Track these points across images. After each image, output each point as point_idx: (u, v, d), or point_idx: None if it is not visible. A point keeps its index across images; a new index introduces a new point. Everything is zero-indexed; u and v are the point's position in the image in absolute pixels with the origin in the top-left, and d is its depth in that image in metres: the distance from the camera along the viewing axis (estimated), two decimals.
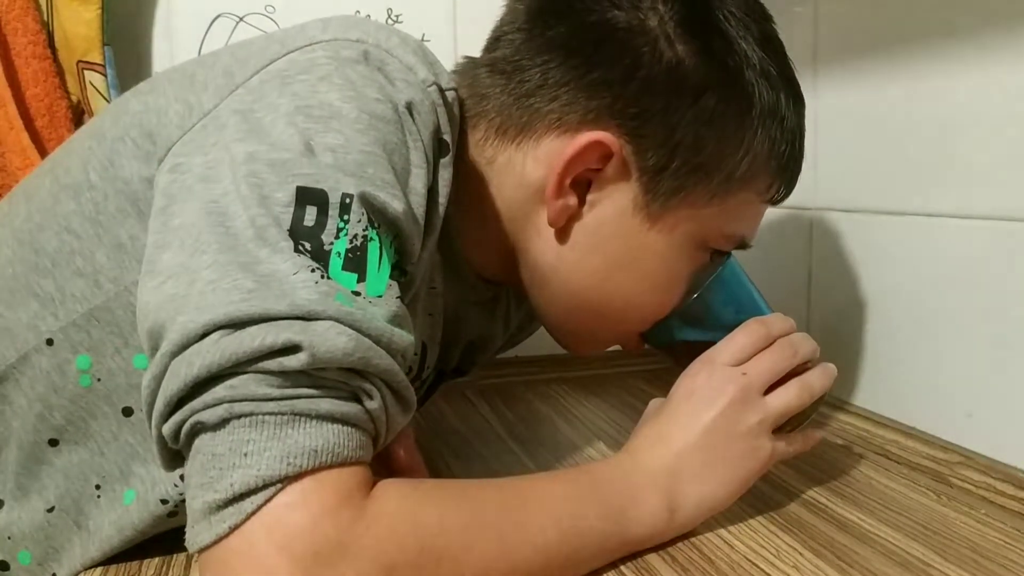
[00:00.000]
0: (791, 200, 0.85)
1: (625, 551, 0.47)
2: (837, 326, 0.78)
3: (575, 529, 0.44)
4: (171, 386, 0.36)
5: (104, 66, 0.80)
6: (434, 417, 0.80)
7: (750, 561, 0.48)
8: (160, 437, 0.38)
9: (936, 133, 0.66)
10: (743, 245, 0.59)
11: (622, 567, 0.47)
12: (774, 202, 0.59)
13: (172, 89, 0.48)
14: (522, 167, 0.54)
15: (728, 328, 0.54)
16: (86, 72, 0.80)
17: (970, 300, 0.63)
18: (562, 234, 0.55)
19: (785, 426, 0.53)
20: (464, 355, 0.69)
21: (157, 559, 0.50)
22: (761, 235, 0.92)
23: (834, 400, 0.79)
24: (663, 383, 0.63)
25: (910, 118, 0.69)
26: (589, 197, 0.53)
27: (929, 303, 0.67)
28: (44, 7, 0.79)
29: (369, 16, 0.92)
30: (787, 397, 0.52)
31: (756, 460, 0.51)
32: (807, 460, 0.63)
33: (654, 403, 0.56)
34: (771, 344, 0.53)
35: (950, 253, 0.65)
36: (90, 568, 0.49)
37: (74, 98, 0.82)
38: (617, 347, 0.62)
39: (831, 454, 0.66)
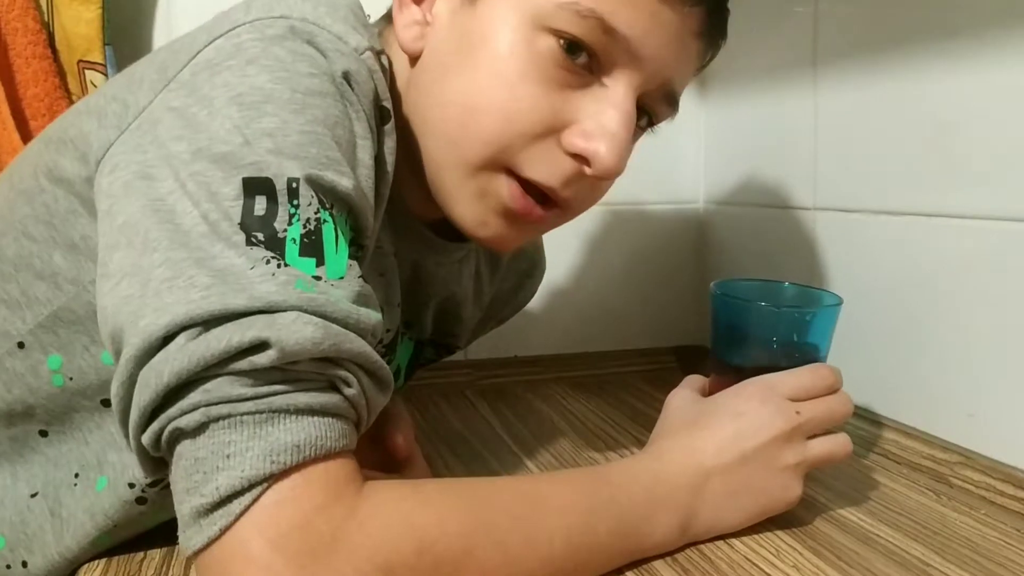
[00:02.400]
0: (791, 200, 0.85)
1: (629, 561, 0.47)
2: (837, 326, 0.78)
3: (584, 543, 0.43)
4: (143, 397, 0.36)
5: (105, 66, 0.80)
6: (434, 417, 0.80)
7: (750, 561, 0.48)
8: (140, 447, 0.37)
9: (936, 133, 0.66)
10: (623, 40, 0.47)
11: (623, 567, 0.47)
12: None
13: (114, 89, 0.47)
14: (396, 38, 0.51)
15: (779, 356, 0.54)
16: (87, 72, 0.80)
17: (970, 300, 0.63)
18: (421, 67, 0.51)
19: None
20: (437, 322, 0.68)
21: (159, 556, 0.50)
22: (761, 234, 0.93)
23: None
24: (663, 383, 0.63)
25: (910, 118, 0.69)
26: (433, 11, 0.50)
27: (929, 303, 0.67)
28: (44, 7, 0.79)
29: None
30: (831, 447, 0.52)
31: (781, 500, 0.50)
32: None
33: (680, 399, 0.55)
34: (832, 394, 0.53)
35: (950, 253, 0.65)
36: (88, 559, 0.49)
37: (75, 98, 0.81)
38: (616, 347, 0.59)
39: None
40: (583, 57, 0.47)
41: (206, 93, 0.41)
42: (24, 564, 0.49)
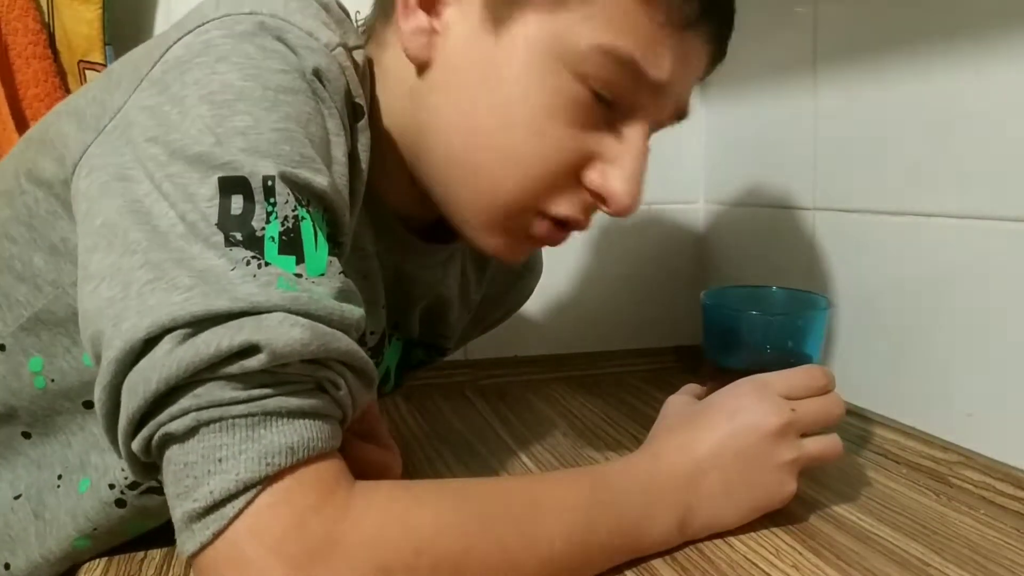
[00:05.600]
0: (791, 200, 0.85)
1: (628, 559, 0.47)
2: (837, 326, 0.78)
3: (585, 543, 0.43)
4: (131, 404, 0.35)
5: (105, 66, 0.80)
6: (434, 417, 0.80)
7: (750, 561, 0.48)
8: (130, 453, 0.37)
9: (936, 133, 0.66)
10: (651, 83, 0.47)
11: (623, 568, 0.47)
12: (686, 22, 0.47)
13: (94, 90, 0.47)
14: (396, 41, 0.51)
15: (771, 360, 0.54)
16: (88, 72, 0.80)
17: (970, 300, 0.63)
18: (431, 82, 0.50)
19: None
20: (424, 324, 0.67)
21: (159, 556, 0.50)
22: (761, 235, 0.93)
23: None
24: (663, 383, 0.63)
25: (910, 118, 0.69)
26: (443, 20, 0.49)
27: (929, 303, 0.67)
28: (45, 7, 0.79)
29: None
30: (824, 446, 0.52)
31: (777, 496, 0.50)
32: None
33: (678, 402, 0.56)
34: (824, 394, 0.53)
35: (950, 253, 0.65)
36: (70, 565, 0.50)
37: None
38: (616, 347, 0.59)
39: None
40: (608, 101, 0.48)
41: (176, 92, 0.41)
42: (7, 566, 0.49)
